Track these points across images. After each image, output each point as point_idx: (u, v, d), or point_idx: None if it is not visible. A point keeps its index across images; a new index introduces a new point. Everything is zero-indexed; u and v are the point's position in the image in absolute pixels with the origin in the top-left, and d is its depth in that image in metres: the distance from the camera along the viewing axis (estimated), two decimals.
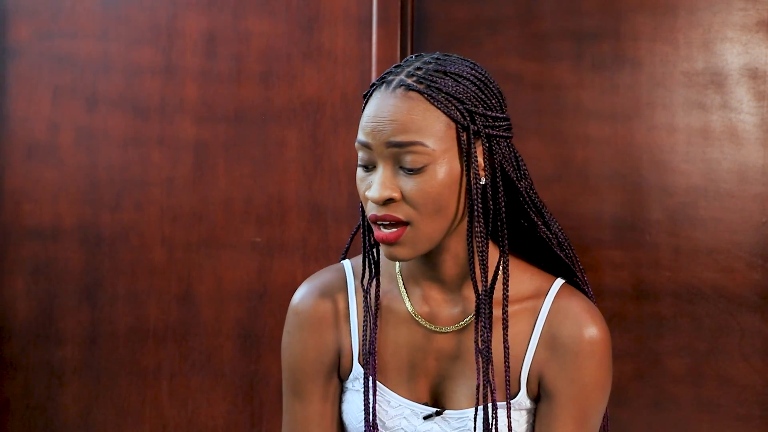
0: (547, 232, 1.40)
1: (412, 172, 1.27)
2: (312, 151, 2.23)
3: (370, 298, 1.39)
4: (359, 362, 1.41)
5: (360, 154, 1.31)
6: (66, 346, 2.29)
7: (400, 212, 1.28)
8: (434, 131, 1.28)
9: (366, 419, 1.37)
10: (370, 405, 1.37)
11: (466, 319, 1.37)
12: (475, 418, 1.34)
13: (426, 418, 1.38)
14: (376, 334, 1.38)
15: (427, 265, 1.37)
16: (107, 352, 2.28)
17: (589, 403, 1.35)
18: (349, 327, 1.42)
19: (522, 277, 1.39)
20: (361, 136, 1.30)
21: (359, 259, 1.46)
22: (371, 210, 1.30)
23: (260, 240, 2.25)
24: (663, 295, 2.11)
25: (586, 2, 2.14)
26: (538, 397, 1.38)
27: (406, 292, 1.40)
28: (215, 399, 2.26)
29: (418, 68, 1.31)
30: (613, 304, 2.12)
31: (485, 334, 1.32)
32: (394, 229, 1.29)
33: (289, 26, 2.24)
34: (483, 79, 1.33)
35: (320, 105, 2.23)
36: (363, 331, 1.38)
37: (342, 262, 1.48)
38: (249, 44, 2.25)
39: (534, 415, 1.39)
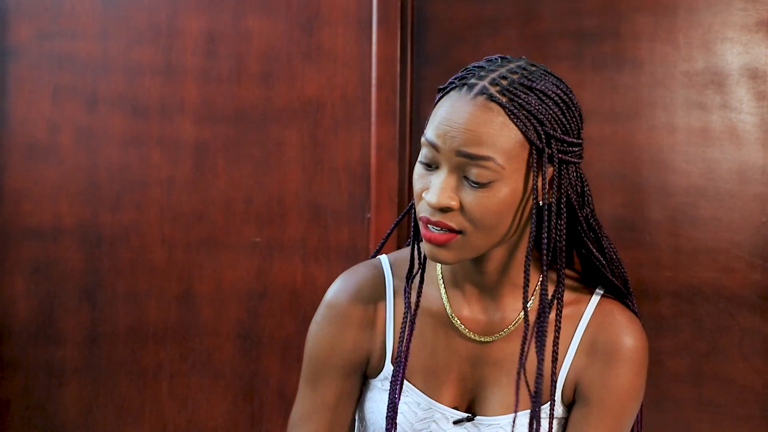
0: (602, 259, 1.37)
1: (477, 185, 1.23)
2: (312, 151, 2.23)
3: (411, 295, 1.36)
4: (392, 362, 1.38)
5: (424, 151, 1.27)
6: (66, 346, 2.29)
7: (454, 221, 1.25)
8: (507, 148, 1.23)
9: (387, 416, 1.34)
10: (396, 401, 1.35)
11: (507, 328, 1.36)
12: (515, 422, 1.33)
13: (456, 422, 1.36)
14: (412, 332, 1.35)
15: (472, 270, 1.34)
16: (107, 352, 2.28)
17: (623, 411, 1.35)
18: (385, 326, 1.39)
19: (566, 286, 1.36)
20: (431, 136, 1.25)
21: (397, 254, 1.44)
22: (424, 211, 1.26)
23: (260, 240, 2.25)
24: (663, 295, 2.11)
25: (586, 2, 2.14)
26: (570, 403, 1.37)
27: (447, 296, 1.38)
28: (215, 399, 2.26)
29: (503, 77, 1.26)
30: None
31: (526, 340, 1.30)
32: (444, 233, 1.25)
33: (289, 26, 2.24)
34: (567, 101, 1.29)
35: (320, 105, 2.23)
36: (401, 329, 1.35)
37: (379, 257, 1.45)
38: (249, 44, 2.25)
39: (562, 425, 1.37)
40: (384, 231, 2.14)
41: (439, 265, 1.38)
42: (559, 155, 1.26)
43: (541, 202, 1.27)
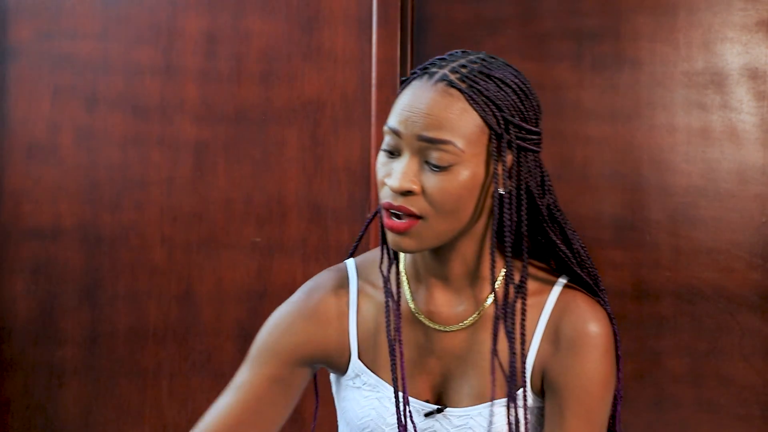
0: (566, 251, 1.39)
1: (438, 169, 1.26)
2: (312, 151, 2.23)
3: (390, 284, 1.38)
4: (359, 358, 1.40)
5: (387, 139, 1.30)
6: (66, 346, 2.29)
7: (415, 206, 1.27)
8: (467, 133, 1.27)
9: (397, 415, 1.36)
10: (400, 396, 1.37)
11: (470, 318, 1.37)
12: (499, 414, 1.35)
13: (427, 415, 1.37)
14: (399, 323, 1.37)
15: (435, 263, 1.36)
16: (107, 352, 2.28)
17: (594, 397, 1.35)
18: (348, 325, 1.41)
19: (530, 275, 1.38)
20: (392, 122, 1.29)
21: (365, 257, 1.46)
22: (386, 197, 1.29)
23: (260, 240, 2.25)
24: (663, 295, 2.11)
25: (586, 2, 2.14)
26: (542, 394, 1.38)
27: (410, 291, 1.40)
28: (215, 399, 2.26)
29: (463, 66, 1.31)
30: (613, 304, 2.10)
31: (494, 330, 1.32)
32: (405, 220, 1.28)
33: (289, 26, 2.24)
34: (525, 89, 1.33)
35: (320, 105, 2.23)
36: (386, 318, 1.38)
37: (345, 261, 1.47)
38: (249, 44, 2.25)
39: (537, 414, 1.39)
40: None
41: (402, 263, 1.41)
42: (518, 141, 1.30)
43: (501, 190, 1.30)
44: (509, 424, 1.33)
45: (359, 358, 1.40)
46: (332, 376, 1.47)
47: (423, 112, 1.27)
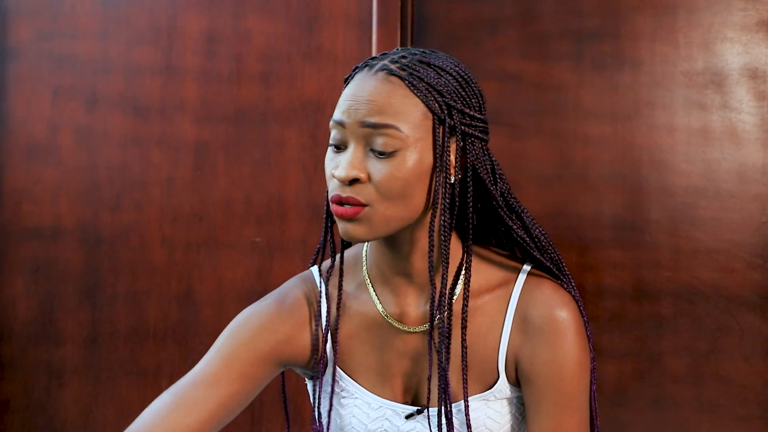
0: (525, 237, 1.39)
1: (383, 155, 1.27)
2: (312, 151, 2.23)
3: (338, 283, 1.40)
4: (336, 365, 1.40)
5: (333, 133, 1.31)
6: (66, 346, 2.29)
7: (362, 195, 1.28)
8: (410, 118, 1.28)
9: (313, 408, 1.37)
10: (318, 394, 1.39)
11: (437, 318, 1.36)
12: (431, 415, 1.36)
13: (408, 417, 1.38)
14: (338, 321, 1.39)
15: (397, 260, 1.36)
16: (107, 352, 2.28)
17: (569, 382, 1.35)
18: (322, 330, 1.41)
19: (491, 267, 1.39)
20: (336, 115, 1.30)
21: (327, 263, 1.46)
22: (335, 189, 1.29)
23: (260, 240, 2.25)
24: (663, 295, 2.11)
25: (586, 2, 2.14)
26: (517, 383, 1.39)
27: (376, 295, 1.40)
28: None
29: (403, 56, 1.32)
30: (613, 304, 2.12)
31: (444, 330, 1.33)
32: (351, 206, 1.28)
33: (289, 26, 2.24)
34: (465, 77, 1.34)
35: (320, 105, 2.23)
36: (334, 324, 1.39)
37: (310, 268, 1.47)
38: (249, 44, 2.25)
39: (518, 403, 1.39)
40: None
41: (365, 267, 1.41)
42: (462, 127, 1.31)
43: (452, 178, 1.32)
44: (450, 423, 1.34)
45: (337, 365, 1.41)
46: (308, 384, 1.46)
47: (365, 100, 1.28)
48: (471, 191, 1.33)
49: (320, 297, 1.42)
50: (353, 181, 1.27)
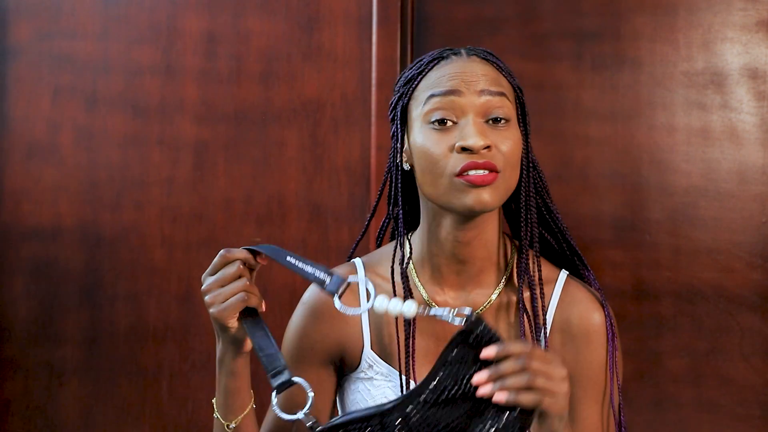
0: (560, 225, 1.48)
1: (502, 123, 1.34)
2: (312, 151, 2.23)
3: (396, 276, 1.44)
4: (372, 349, 1.44)
5: (437, 113, 1.34)
6: (66, 346, 2.29)
7: (496, 159, 1.33)
8: (510, 92, 1.38)
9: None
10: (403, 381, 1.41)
11: (482, 306, 1.42)
12: None
13: None
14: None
15: (455, 251, 1.40)
16: (107, 352, 2.28)
17: (608, 383, 1.42)
18: (359, 317, 1.45)
19: (534, 267, 1.44)
20: (446, 86, 1.34)
21: (371, 255, 1.52)
22: (463, 160, 1.32)
23: (260, 240, 2.25)
24: (663, 295, 2.11)
25: (586, 2, 2.14)
26: None
27: (422, 285, 1.44)
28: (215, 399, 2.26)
29: (471, 49, 1.40)
30: (613, 304, 2.10)
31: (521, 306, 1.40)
32: (488, 173, 1.32)
33: (289, 26, 2.24)
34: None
35: (320, 105, 2.23)
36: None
37: (353, 260, 1.52)
38: (249, 44, 2.25)
39: None
40: None
41: (407, 257, 1.46)
42: (526, 111, 1.42)
43: (532, 155, 1.42)
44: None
45: (371, 348, 1.45)
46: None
47: (478, 72, 1.35)
48: (540, 171, 1.44)
49: (357, 287, 1.46)
50: (484, 149, 1.32)
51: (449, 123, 1.34)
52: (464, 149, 1.31)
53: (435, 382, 1.20)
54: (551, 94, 2.14)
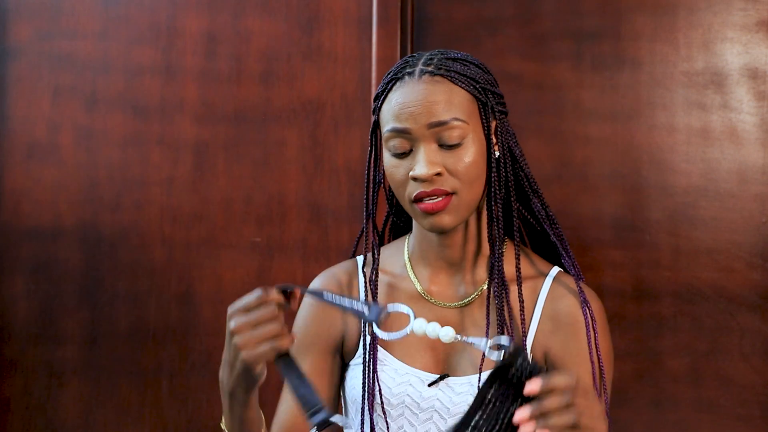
0: (543, 211, 1.53)
1: (453, 147, 1.39)
2: (312, 151, 2.23)
3: (373, 273, 1.52)
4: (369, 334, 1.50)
5: (392, 143, 1.42)
6: (66, 346, 2.29)
7: (446, 185, 1.39)
8: (464, 107, 1.41)
9: (364, 382, 1.47)
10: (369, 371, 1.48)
11: (471, 297, 1.48)
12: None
13: (431, 384, 1.45)
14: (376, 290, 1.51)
15: (441, 246, 1.49)
16: (107, 352, 2.28)
17: (594, 373, 1.45)
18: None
19: (526, 261, 1.51)
20: (396, 124, 1.40)
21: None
22: (416, 189, 1.40)
23: (260, 240, 2.25)
24: (663, 295, 2.11)
25: (586, 2, 2.14)
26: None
27: (415, 276, 1.52)
28: (215, 399, 2.26)
29: (430, 59, 1.44)
30: (613, 304, 2.12)
31: (497, 294, 1.45)
32: (440, 199, 1.39)
33: (289, 26, 2.24)
34: (480, 63, 1.48)
35: (320, 105, 2.23)
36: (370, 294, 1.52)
37: (356, 257, 1.60)
38: (249, 44, 2.25)
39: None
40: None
41: (406, 252, 1.54)
42: (498, 106, 1.45)
43: (497, 154, 1.45)
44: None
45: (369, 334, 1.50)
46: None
47: (424, 102, 1.39)
48: (517, 166, 1.48)
49: (357, 276, 1.56)
50: (434, 177, 1.39)
51: (404, 153, 1.41)
52: (415, 178, 1.39)
53: (472, 425, 1.16)
54: (551, 94, 2.14)
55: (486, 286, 1.48)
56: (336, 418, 1.23)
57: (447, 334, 1.26)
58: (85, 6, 2.28)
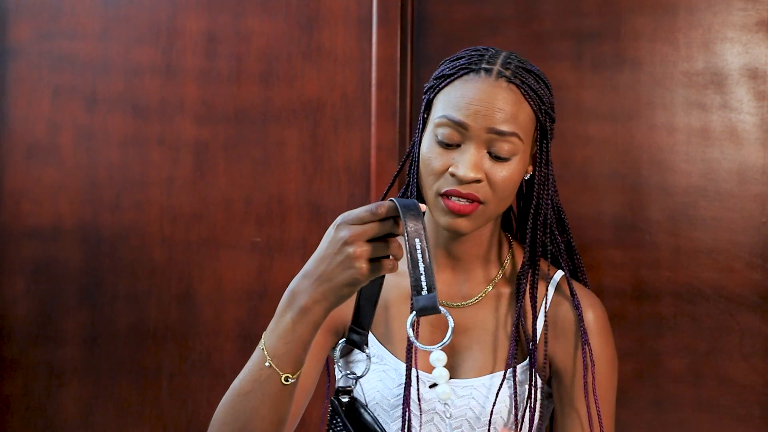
0: (566, 226, 1.53)
1: (501, 159, 1.37)
2: (312, 151, 2.23)
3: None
4: (370, 331, 1.47)
5: (443, 131, 1.37)
6: (66, 346, 2.29)
7: (480, 193, 1.37)
8: (526, 125, 1.39)
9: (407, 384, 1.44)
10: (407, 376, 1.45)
11: (476, 297, 1.47)
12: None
13: (432, 386, 1.44)
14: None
15: (452, 246, 1.47)
16: (107, 352, 2.28)
17: (603, 377, 1.44)
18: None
19: (533, 266, 1.50)
20: (456, 115, 1.37)
21: None
22: (449, 184, 1.37)
23: (260, 240, 2.25)
24: (663, 295, 2.11)
25: (586, 2, 2.14)
26: (548, 379, 1.47)
27: None
28: (215, 399, 2.26)
29: (507, 62, 1.40)
30: (613, 304, 2.12)
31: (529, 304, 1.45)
32: (468, 203, 1.37)
33: (289, 26, 2.24)
34: (548, 81, 1.45)
35: (320, 105, 2.23)
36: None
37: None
38: (249, 44, 2.25)
39: (541, 396, 1.46)
40: None
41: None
42: (550, 132, 1.44)
43: (528, 175, 1.46)
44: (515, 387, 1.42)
45: (370, 331, 1.48)
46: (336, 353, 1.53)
47: (495, 107, 1.36)
48: (554, 188, 1.48)
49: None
50: (473, 181, 1.36)
51: (453, 145, 1.38)
52: (454, 175, 1.36)
53: None
54: None
55: (492, 287, 1.47)
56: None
57: (444, 391, 1.35)
58: (85, 6, 2.28)
